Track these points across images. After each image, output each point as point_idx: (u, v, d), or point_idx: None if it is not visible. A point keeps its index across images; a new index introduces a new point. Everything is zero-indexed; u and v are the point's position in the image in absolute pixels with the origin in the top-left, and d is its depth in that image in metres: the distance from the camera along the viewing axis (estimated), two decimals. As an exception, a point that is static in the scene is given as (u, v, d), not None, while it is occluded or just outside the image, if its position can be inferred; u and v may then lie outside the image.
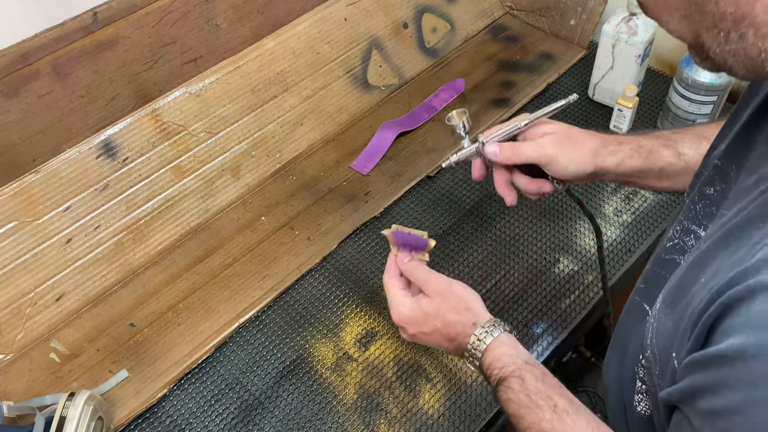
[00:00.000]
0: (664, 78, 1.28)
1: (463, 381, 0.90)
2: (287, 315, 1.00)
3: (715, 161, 0.57)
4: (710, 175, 0.58)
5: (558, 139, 0.74)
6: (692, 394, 0.43)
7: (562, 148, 0.73)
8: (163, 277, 1.05)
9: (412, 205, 1.12)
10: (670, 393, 0.47)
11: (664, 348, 0.50)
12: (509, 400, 0.64)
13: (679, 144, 0.75)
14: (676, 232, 0.61)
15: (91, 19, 0.99)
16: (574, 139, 0.74)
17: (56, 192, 0.98)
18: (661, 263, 0.63)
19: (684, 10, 0.44)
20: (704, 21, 0.43)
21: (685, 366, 0.45)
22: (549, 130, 0.75)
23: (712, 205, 0.57)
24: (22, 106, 0.97)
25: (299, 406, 0.90)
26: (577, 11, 1.33)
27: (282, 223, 1.11)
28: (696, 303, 0.45)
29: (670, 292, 0.52)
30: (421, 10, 1.34)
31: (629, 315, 0.68)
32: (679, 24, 0.45)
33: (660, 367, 0.51)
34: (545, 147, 0.73)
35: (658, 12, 0.46)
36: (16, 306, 0.96)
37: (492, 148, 0.75)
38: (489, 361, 0.68)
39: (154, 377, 0.93)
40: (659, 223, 1.06)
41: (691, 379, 0.44)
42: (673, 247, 0.61)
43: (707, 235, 0.51)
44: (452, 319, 0.71)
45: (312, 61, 1.21)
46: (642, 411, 0.62)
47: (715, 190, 0.56)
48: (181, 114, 1.08)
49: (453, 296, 0.72)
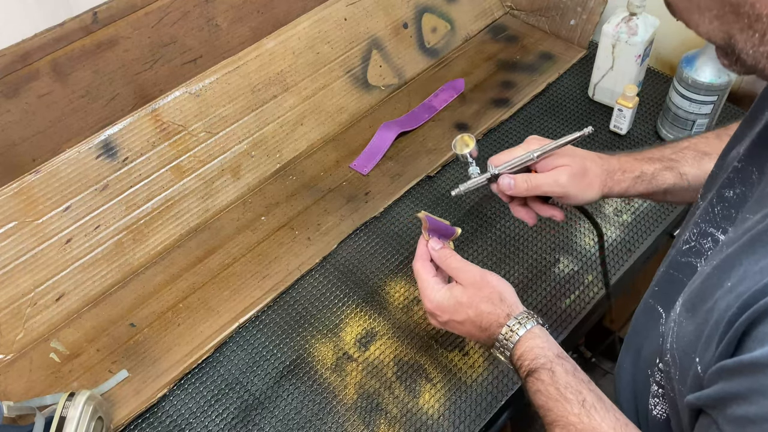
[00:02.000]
0: (664, 78, 1.29)
1: (463, 381, 0.90)
2: (287, 315, 1.00)
3: (735, 164, 0.56)
4: (730, 178, 0.57)
5: (572, 172, 0.75)
6: (724, 400, 0.43)
7: (574, 181, 0.74)
8: (163, 277, 1.05)
9: (412, 205, 1.12)
10: (699, 398, 0.46)
11: (686, 352, 0.50)
12: (538, 391, 0.64)
13: (681, 164, 0.77)
14: (693, 234, 0.61)
15: (91, 19, 0.99)
16: (585, 172, 0.75)
17: (56, 192, 0.98)
18: (677, 266, 0.62)
19: (717, 10, 0.43)
20: (738, 22, 0.42)
21: (716, 372, 0.45)
22: (563, 162, 0.75)
23: (731, 208, 0.56)
24: (22, 106, 0.97)
25: (299, 406, 0.90)
26: (577, 11, 1.33)
27: (282, 223, 1.11)
28: (722, 308, 0.45)
29: (691, 296, 0.52)
30: (421, 10, 1.34)
31: (643, 318, 0.67)
32: (710, 25, 0.44)
33: (680, 371, 0.51)
34: (560, 181, 0.74)
35: (689, 13, 0.46)
36: (16, 306, 0.96)
37: (506, 180, 0.76)
38: (520, 352, 0.68)
39: (154, 377, 0.93)
40: (659, 223, 1.06)
41: (722, 386, 0.43)
42: (689, 250, 0.61)
43: (730, 239, 0.51)
44: (486, 309, 0.71)
45: (312, 61, 1.21)
46: (658, 415, 0.62)
47: (735, 192, 0.56)
48: (181, 114, 1.08)
49: (487, 286, 0.73)
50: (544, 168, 0.76)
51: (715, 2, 0.43)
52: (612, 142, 1.19)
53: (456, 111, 1.27)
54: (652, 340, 0.62)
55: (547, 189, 0.75)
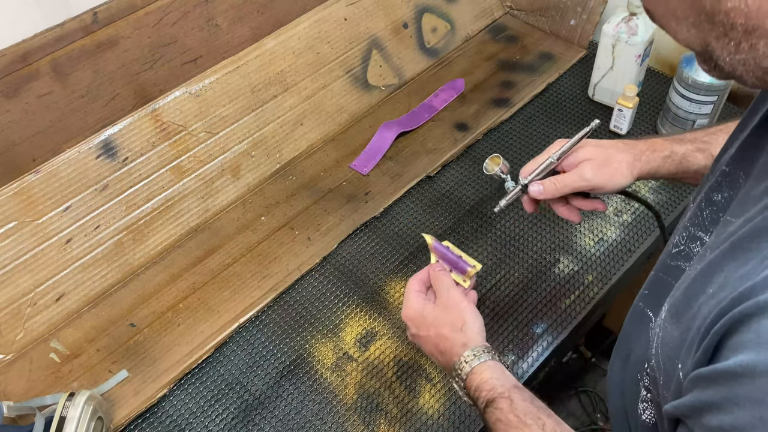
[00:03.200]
0: (664, 78, 1.29)
1: (463, 381, 0.90)
2: (287, 315, 1.00)
3: (723, 167, 0.57)
4: (718, 181, 0.57)
5: (596, 164, 0.76)
6: (699, 410, 0.43)
7: (601, 172, 0.76)
8: (163, 277, 1.05)
9: (412, 205, 1.12)
10: (676, 407, 0.46)
11: (670, 358, 0.50)
12: (498, 420, 0.65)
13: (714, 146, 0.77)
14: (682, 238, 0.61)
15: (91, 19, 0.99)
16: (610, 160, 0.76)
17: (56, 192, 0.98)
18: (667, 270, 0.63)
19: (693, 18, 0.43)
20: (714, 30, 0.42)
21: (692, 380, 0.45)
22: (585, 156, 0.77)
23: (719, 212, 0.56)
24: (22, 106, 0.97)
25: (299, 406, 0.90)
26: (577, 11, 1.33)
27: (282, 223, 1.11)
28: (704, 314, 0.45)
29: (676, 302, 0.52)
30: (421, 10, 1.34)
31: (633, 321, 0.67)
32: (687, 32, 0.45)
33: (665, 377, 0.51)
34: (586, 176, 0.76)
35: (666, 20, 0.46)
36: (16, 306, 0.96)
37: (535, 187, 0.78)
38: (476, 383, 0.69)
39: (154, 377, 0.93)
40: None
41: (698, 394, 0.43)
42: (678, 254, 0.61)
43: (713, 244, 0.51)
44: (445, 334, 0.73)
45: (312, 61, 1.21)
46: (647, 419, 0.62)
47: (723, 196, 0.56)
48: (181, 114, 1.08)
49: (455, 312, 0.74)
50: (570, 166, 0.78)
51: (691, 10, 0.43)
52: (612, 142, 1.19)
53: (456, 111, 1.27)
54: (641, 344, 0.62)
55: (575, 185, 0.77)
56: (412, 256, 1.05)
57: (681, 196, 1.09)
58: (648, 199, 1.09)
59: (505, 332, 0.95)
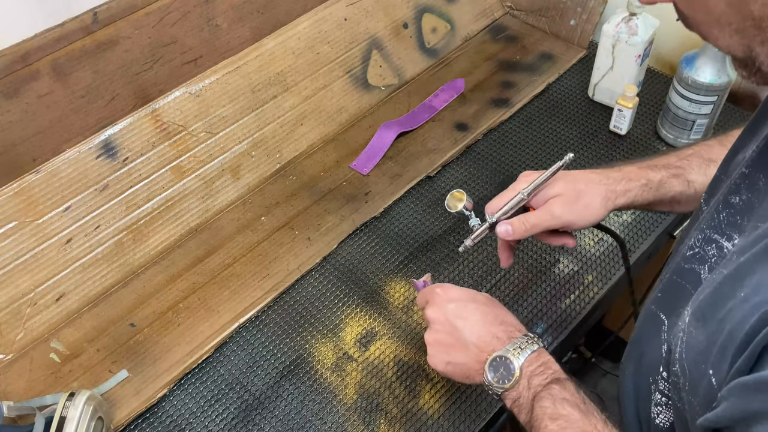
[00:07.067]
0: (664, 78, 1.29)
1: (463, 381, 0.90)
2: (287, 315, 1.00)
3: (742, 169, 0.56)
4: (736, 184, 0.56)
5: (565, 200, 0.73)
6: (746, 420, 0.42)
7: (571, 208, 0.73)
8: (163, 277, 1.05)
9: (412, 205, 1.12)
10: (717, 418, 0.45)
11: (696, 363, 0.49)
12: (565, 399, 0.63)
13: (687, 171, 0.76)
14: (697, 240, 0.60)
15: (91, 19, 0.99)
16: (581, 195, 0.73)
17: (56, 192, 0.98)
18: (681, 273, 0.62)
19: (738, 24, 0.43)
20: (760, 36, 0.42)
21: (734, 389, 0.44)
22: (554, 192, 0.74)
23: (737, 215, 0.55)
24: (22, 106, 0.97)
25: (299, 406, 0.90)
26: (577, 11, 1.33)
27: (282, 223, 1.11)
28: (738, 319, 0.44)
29: (702, 305, 0.51)
30: (421, 10, 1.34)
31: (645, 325, 0.67)
32: (730, 39, 0.44)
33: (690, 382, 0.50)
34: (555, 213, 0.73)
35: (707, 27, 0.45)
36: (16, 306, 0.96)
37: (503, 228, 0.75)
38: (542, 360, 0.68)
39: (154, 377, 0.93)
40: (659, 223, 1.06)
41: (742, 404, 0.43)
42: (693, 257, 0.60)
43: (741, 247, 0.50)
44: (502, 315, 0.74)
45: (312, 61, 1.21)
46: (661, 423, 0.61)
47: (741, 199, 0.55)
48: (181, 114, 1.08)
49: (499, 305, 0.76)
50: (538, 202, 0.75)
51: (736, 16, 0.43)
52: (612, 142, 1.19)
53: (456, 111, 1.27)
54: (654, 348, 0.62)
55: (545, 225, 0.74)
56: (412, 256, 1.05)
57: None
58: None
59: (505, 332, 0.95)
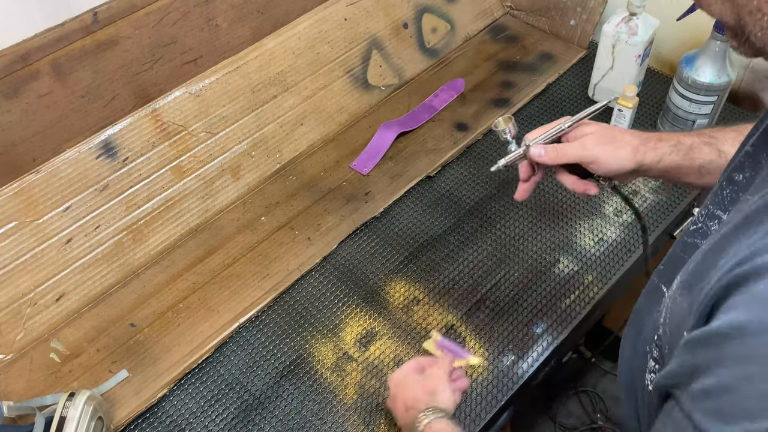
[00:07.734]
0: (664, 78, 1.29)
1: (463, 381, 0.90)
2: (287, 315, 1.00)
3: (747, 148, 0.57)
4: (741, 161, 0.57)
5: (599, 138, 0.76)
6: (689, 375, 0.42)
7: (603, 146, 0.76)
8: (163, 277, 1.05)
9: (412, 205, 1.12)
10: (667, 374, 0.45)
11: (678, 328, 0.50)
12: None
13: (720, 141, 0.76)
14: (701, 216, 0.61)
15: (91, 19, 0.99)
16: (614, 138, 0.76)
17: (56, 192, 0.98)
18: (683, 246, 0.63)
19: None
20: (748, 5, 0.43)
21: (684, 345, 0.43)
22: (590, 130, 0.77)
23: (739, 191, 0.56)
24: (22, 106, 0.97)
25: (299, 406, 0.90)
26: (577, 11, 1.33)
27: (282, 223, 1.11)
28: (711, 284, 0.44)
29: (688, 275, 0.52)
30: (421, 10, 1.34)
31: (647, 296, 0.68)
32: (722, 5, 0.45)
33: (670, 346, 0.51)
34: (587, 146, 0.76)
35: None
36: (16, 306, 0.96)
37: (537, 149, 0.78)
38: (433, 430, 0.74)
39: (154, 377, 0.93)
40: (659, 223, 1.06)
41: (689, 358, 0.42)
42: (696, 231, 0.61)
43: (728, 220, 0.51)
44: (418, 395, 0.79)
45: (312, 61, 1.21)
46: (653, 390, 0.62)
47: (744, 176, 0.56)
48: (181, 114, 1.08)
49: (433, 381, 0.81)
50: (573, 138, 0.78)
51: None
52: (612, 142, 1.18)
53: (456, 111, 1.27)
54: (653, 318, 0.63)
55: (575, 154, 0.76)
56: (412, 256, 1.05)
57: (680, 197, 1.09)
58: (648, 199, 1.09)
59: (505, 332, 0.95)
